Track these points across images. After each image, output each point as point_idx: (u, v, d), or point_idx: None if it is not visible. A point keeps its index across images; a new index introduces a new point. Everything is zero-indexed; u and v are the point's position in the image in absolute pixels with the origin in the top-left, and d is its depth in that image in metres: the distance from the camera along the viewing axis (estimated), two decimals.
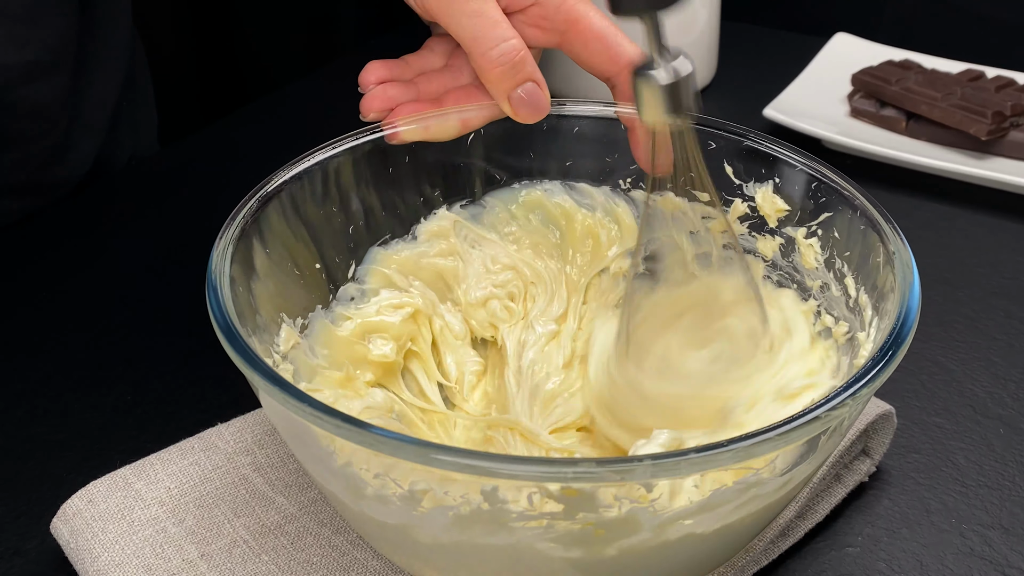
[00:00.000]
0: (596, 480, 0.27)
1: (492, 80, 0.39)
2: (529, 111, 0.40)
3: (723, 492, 0.30)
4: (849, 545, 0.40)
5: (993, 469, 0.43)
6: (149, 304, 0.54)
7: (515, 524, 0.29)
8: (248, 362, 0.31)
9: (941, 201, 0.62)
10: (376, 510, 0.31)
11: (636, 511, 0.29)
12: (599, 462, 0.27)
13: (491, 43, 0.38)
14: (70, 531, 0.39)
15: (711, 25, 0.72)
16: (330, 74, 0.79)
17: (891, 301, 0.34)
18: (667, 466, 0.27)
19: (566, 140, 0.44)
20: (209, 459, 0.41)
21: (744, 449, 0.27)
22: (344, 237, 0.42)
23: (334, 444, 0.31)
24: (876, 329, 0.35)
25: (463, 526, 0.30)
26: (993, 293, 0.54)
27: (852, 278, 0.38)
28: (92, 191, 0.64)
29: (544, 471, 0.27)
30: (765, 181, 0.41)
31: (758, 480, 0.30)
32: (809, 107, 0.67)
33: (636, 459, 0.27)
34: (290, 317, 0.39)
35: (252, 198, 0.38)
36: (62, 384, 0.48)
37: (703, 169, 0.38)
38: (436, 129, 0.41)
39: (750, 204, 0.41)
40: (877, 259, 0.36)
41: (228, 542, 0.38)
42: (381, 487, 0.30)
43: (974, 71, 0.68)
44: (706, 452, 0.27)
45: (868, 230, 0.37)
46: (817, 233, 0.40)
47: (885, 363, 0.30)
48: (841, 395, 0.29)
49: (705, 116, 0.42)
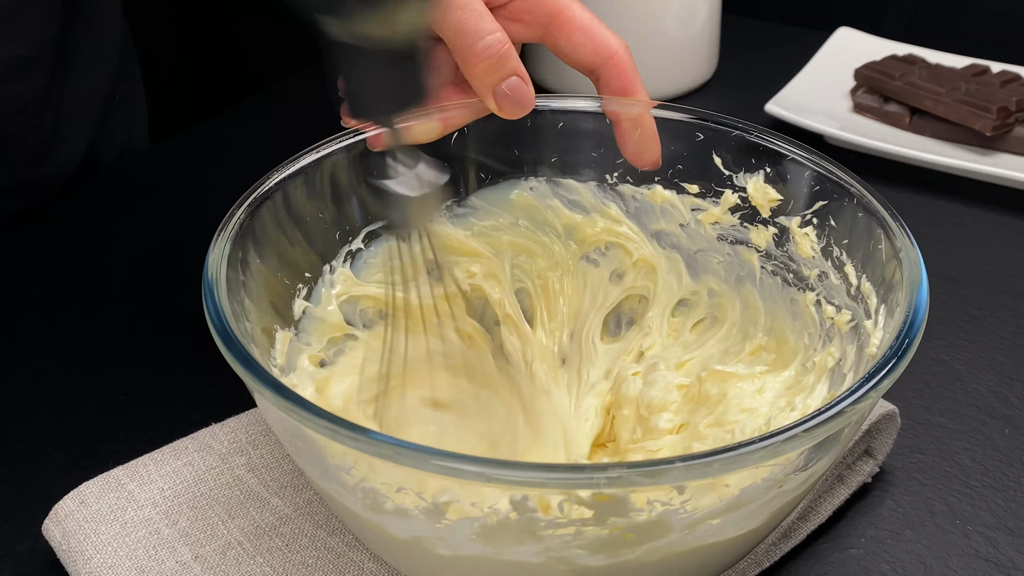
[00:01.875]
0: (628, 484, 0.27)
1: (476, 74, 0.38)
2: (513, 106, 0.39)
3: (752, 489, 0.30)
4: (852, 547, 0.39)
5: (998, 470, 0.43)
6: (142, 302, 0.54)
7: (544, 532, 0.29)
8: (251, 370, 0.30)
9: (945, 198, 0.62)
10: (395, 524, 0.31)
11: (667, 514, 0.29)
12: (630, 466, 0.27)
13: (475, 36, 0.38)
14: (62, 533, 0.38)
15: (712, 19, 0.72)
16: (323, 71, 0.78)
17: (899, 293, 0.33)
18: (698, 468, 0.27)
19: (550, 135, 0.43)
20: (203, 459, 0.40)
21: (774, 447, 0.27)
22: (341, 236, 0.41)
23: (348, 459, 0.30)
24: (884, 317, 0.35)
25: (489, 537, 0.29)
26: (998, 291, 0.54)
27: (852, 267, 0.38)
28: (83, 188, 0.64)
29: (575, 478, 0.27)
30: (756, 171, 0.40)
31: (784, 476, 0.30)
32: (811, 102, 0.67)
33: (667, 461, 0.27)
34: (284, 320, 0.39)
35: (248, 197, 0.37)
36: (54, 384, 0.48)
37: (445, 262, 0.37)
38: (418, 131, 0.41)
39: (741, 195, 0.41)
40: (879, 246, 0.36)
41: (222, 544, 0.38)
42: (402, 501, 0.30)
43: (979, 66, 0.68)
44: (735, 451, 0.27)
45: (871, 221, 0.36)
46: (812, 222, 0.39)
47: (898, 359, 0.30)
48: (860, 390, 0.29)
49: (702, 111, 0.41)
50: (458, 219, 0.44)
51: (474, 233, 0.44)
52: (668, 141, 0.41)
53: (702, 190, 0.42)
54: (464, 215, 0.44)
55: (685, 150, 0.42)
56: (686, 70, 0.72)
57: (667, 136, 0.41)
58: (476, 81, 0.39)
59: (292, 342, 0.39)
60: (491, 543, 0.29)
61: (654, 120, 0.41)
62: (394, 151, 0.32)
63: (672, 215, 0.43)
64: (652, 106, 0.41)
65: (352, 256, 0.42)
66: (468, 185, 0.44)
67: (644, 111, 0.41)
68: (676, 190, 0.43)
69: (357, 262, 0.42)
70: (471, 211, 0.44)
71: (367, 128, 0.40)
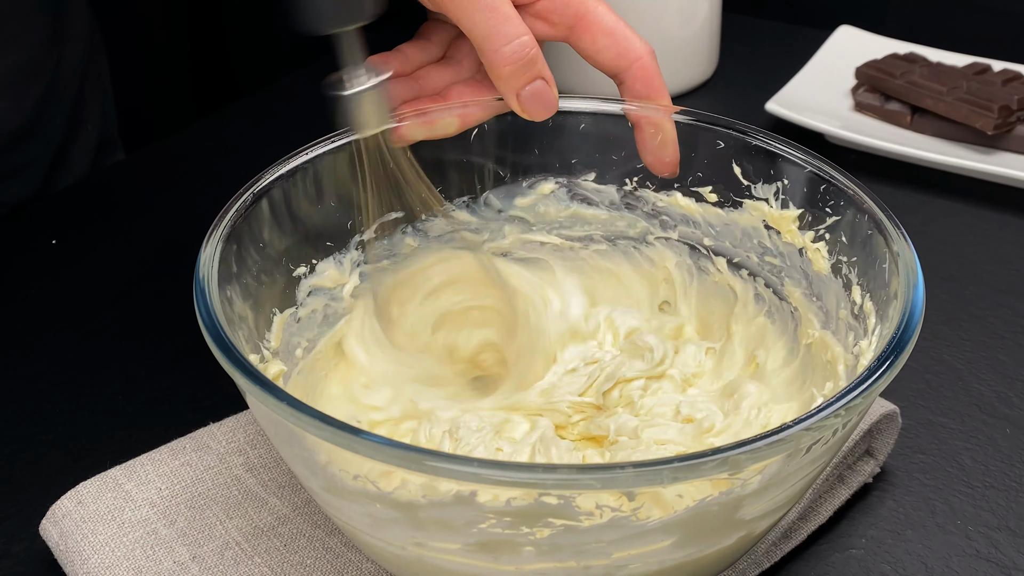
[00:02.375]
0: (576, 487, 0.27)
1: (503, 77, 0.38)
2: (539, 109, 0.39)
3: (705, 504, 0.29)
4: (852, 547, 0.39)
5: (1000, 470, 0.43)
6: (140, 301, 0.53)
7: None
8: (240, 368, 0.30)
9: (946, 197, 0.61)
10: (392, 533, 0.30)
11: (617, 519, 0.28)
12: (580, 468, 0.27)
13: (504, 40, 0.38)
14: (59, 533, 0.38)
15: (712, 17, 0.72)
16: (324, 68, 0.78)
17: (894, 307, 0.33)
18: (648, 475, 0.27)
19: (571, 137, 0.43)
20: (201, 459, 0.40)
21: (727, 459, 0.27)
22: (341, 235, 0.41)
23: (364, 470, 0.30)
24: (878, 337, 0.34)
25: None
26: (1000, 290, 0.53)
27: (858, 285, 0.37)
28: (81, 186, 0.64)
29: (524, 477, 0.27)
30: (772, 182, 0.40)
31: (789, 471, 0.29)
32: (812, 101, 0.67)
33: (619, 466, 0.27)
34: (280, 313, 0.39)
35: (241, 197, 0.37)
36: (51, 384, 0.48)
37: (412, 175, 0.39)
38: (436, 126, 0.41)
39: (764, 222, 0.41)
40: (883, 265, 0.35)
41: (220, 544, 0.37)
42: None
43: (980, 64, 0.67)
44: (689, 461, 0.27)
45: (874, 233, 0.36)
46: (825, 237, 0.39)
47: (889, 365, 0.30)
48: (836, 403, 0.28)
49: (707, 113, 0.41)
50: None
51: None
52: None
53: (720, 199, 0.42)
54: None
55: (691, 153, 0.41)
56: (686, 68, 0.72)
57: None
58: (502, 84, 0.39)
59: (289, 329, 0.39)
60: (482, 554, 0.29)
61: (675, 125, 0.40)
62: (344, 66, 0.36)
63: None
64: (674, 111, 0.40)
65: (362, 246, 0.42)
66: (486, 182, 0.44)
67: (665, 116, 0.40)
68: (695, 198, 0.42)
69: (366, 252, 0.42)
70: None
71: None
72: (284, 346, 0.39)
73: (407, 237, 0.43)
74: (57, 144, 0.65)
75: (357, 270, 0.42)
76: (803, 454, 0.29)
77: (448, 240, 0.44)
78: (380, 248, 0.42)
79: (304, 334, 0.40)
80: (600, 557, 0.29)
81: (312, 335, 0.40)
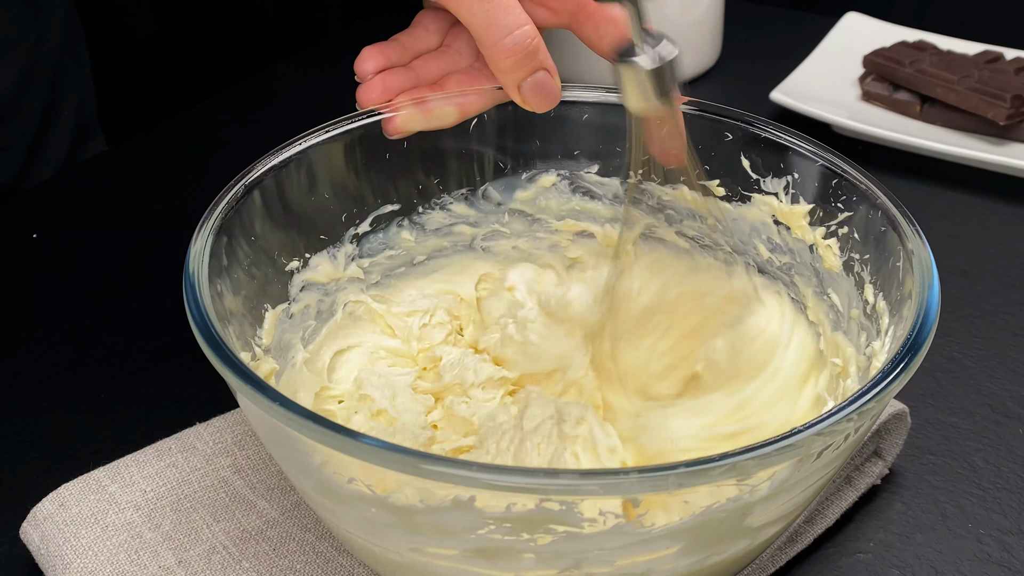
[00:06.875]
0: (579, 493, 0.26)
1: (503, 70, 0.38)
2: (541, 100, 0.39)
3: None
4: (860, 551, 0.39)
5: (1012, 471, 0.42)
6: (125, 298, 0.53)
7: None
8: (230, 366, 0.29)
9: (957, 189, 0.61)
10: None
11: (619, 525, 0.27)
12: (583, 474, 0.27)
13: (503, 31, 0.37)
14: (40, 536, 0.38)
15: (715, 3, 0.71)
16: (316, 56, 0.78)
17: (908, 307, 0.32)
18: (653, 480, 0.26)
19: (574, 127, 0.43)
20: (187, 461, 0.40)
21: (735, 465, 0.26)
22: (335, 228, 0.41)
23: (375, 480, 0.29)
24: (892, 338, 0.34)
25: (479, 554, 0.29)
26: (1012, 285, 0.53)
27: (871, 284, 0.37)
28: (63, 178, 0.63)
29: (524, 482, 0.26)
30: (782, 176, 0.39)
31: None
32: (818, 90, 0.66)
33: (621, 472, 0.27)
34: (273, 308, 0.38)
35: (231, 189, 0.36)
36: (32, 383, 0.48)
37: (693, 157, 0.38)
38: (434, 115, 0.40)
39: (774, 217, 0.40)
40: (897, 263, 0.34)
41: (207, 548, 0.37)
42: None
43: (992, 52, 0.67)
44: (696, 467, 0.26)
45: (888, 230, 0.35)
46: (836, 234, 0.38)
47: (903, 368, 0.29)
48: (848, 407, 0.28)
49: (714, 104, 0.41)
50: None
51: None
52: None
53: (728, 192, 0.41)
54: None
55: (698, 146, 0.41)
56: (688, 56, 0.71)
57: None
58: (502, 76, 0.38)
59: (282, 324, 0.39)
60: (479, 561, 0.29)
61: (682, 116, 0.40)
62: (642, 29, 0.34)
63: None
64: (681, 102, 0.40)
65: (359, 239, 0.42)
66: (485, 174, 0.43)
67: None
68: (702, 191, 0.42)
69: (364, 245, 0.42)
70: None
71: (380, 110, 0.40)
72: (276, 343, 0.38)
73: (403, 231, 0.42)
74: (35, 129, 0.64)
75: (351, 264, 0.42)
76: (814, 459, 0.29)
77: (446, 234, 0.43)
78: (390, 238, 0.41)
79: (296, 331, 0.40)
80: (602, 565, 0.29)
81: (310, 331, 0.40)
